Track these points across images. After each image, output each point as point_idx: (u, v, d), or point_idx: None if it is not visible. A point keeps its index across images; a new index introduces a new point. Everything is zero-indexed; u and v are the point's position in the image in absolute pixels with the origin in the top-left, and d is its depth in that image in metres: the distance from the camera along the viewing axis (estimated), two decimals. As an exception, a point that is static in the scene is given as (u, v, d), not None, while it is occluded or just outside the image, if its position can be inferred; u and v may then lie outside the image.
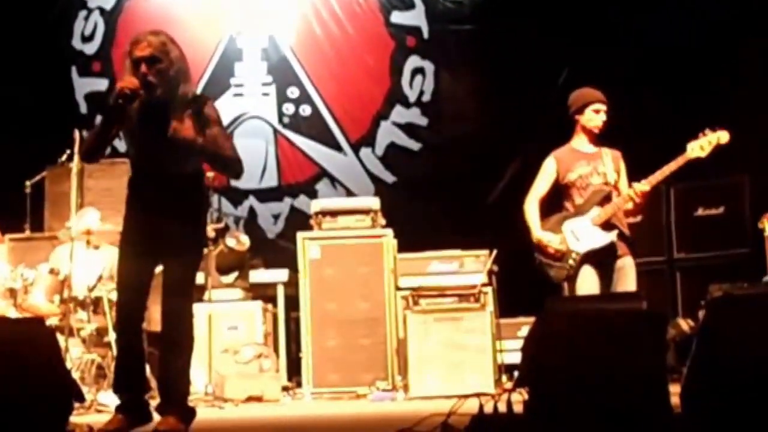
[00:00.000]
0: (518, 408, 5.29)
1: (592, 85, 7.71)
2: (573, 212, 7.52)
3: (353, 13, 12.41)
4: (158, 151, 6.00)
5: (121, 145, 6.86)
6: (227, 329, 9.69)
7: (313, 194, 11.93)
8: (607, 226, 7.40)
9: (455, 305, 9.17)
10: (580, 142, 7.66)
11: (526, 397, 5.29)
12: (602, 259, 7.40)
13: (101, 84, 12.64)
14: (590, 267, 7.38)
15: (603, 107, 7.59)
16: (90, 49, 12.80)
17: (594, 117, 7.58)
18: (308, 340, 9.53)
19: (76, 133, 8.97)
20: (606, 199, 7.46)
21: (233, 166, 6.19)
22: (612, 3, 11.42)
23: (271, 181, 12.37)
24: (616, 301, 6.28)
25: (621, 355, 5.09)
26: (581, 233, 7.41)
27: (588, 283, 7.36)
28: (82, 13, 12.83)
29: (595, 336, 5.21)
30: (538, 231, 7.56)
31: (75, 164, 8.80)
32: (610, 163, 7.55)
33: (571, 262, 7.42)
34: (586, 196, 7.50)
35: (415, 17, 12.34)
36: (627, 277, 7.39)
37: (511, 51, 11.59)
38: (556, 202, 7.69)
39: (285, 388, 9.47)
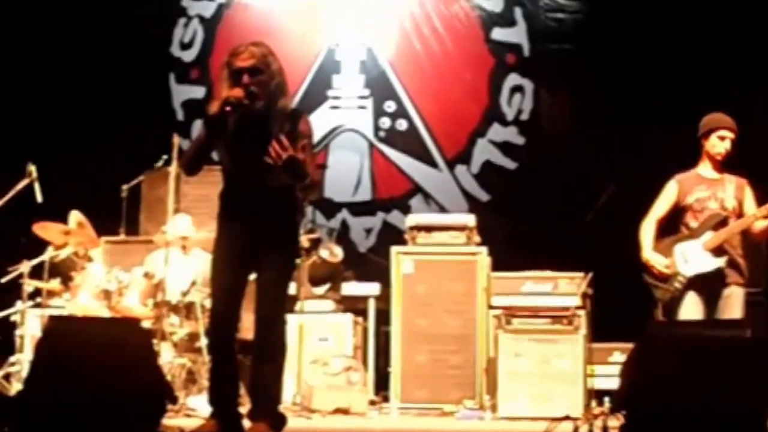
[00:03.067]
0: (614, 433, 5.22)
1: (722, 110, 7.60)
2: (687, 235, 7.43)
3: (454, 28, 12.34)
4: (254, 163, 5.99)
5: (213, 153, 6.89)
6: (317, 340, 9.66)
7: (406, 210, 11.86)
8: (718, 251, 7.29)
9: (548, 327, 9.05)
10: (704, 167, 7.58)
11: (623, 421, 5.21)
12: (709, 285, 7.28)
13: (198, 92, 12.70)
14: (695, 293, 7.28)
15: (729, 134, 7.47)
16: (188, 56, 12.87)
17: (717, 144, 7.48)
18: (397, 355, 9.46)
19: (175, 139, 9.05)
20: (721, 224, 7.35)
21: (313, 190, 6.21)
22: (715, 23, 11.23)
23: (364, 194, 12.33)
24: (718, 327, 6.15)
25: (722, 384, 4.98)
26: (691, 256, 7.31)
27: (691, 308, 7.25)
28: (182, 21, 12.91)
29: (696, 363, 5.12)
30: (647, 251, 7.52)
31: (172, 169, 8.86)
32: (731, 190, 7.44)
33: (676, 284, 7.33)
34: (701, 220, 7.40)
35: (516, 34, 12.24)
36: (733, 306, 7.26)
37: (611, 72, 11.45)
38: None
39: (372, 402, 9.42)
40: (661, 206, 7.66)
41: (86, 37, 12.18)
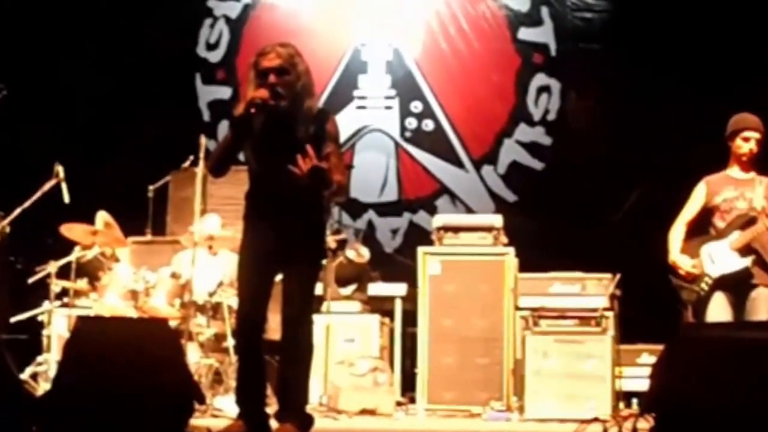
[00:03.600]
0: (643, 435, 5.18)
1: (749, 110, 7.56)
2: (714, 236, 7.39)
3: (480, 28, 12.31)
4: (280, 164, 5.98)
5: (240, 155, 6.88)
6: (344, 341, 9.65)
7: (432, 210, 11.84)
8: (745, 251, 7.24)
9: (575, 328, 9.00)
10: (733, 168, 7.57)
11: (652, 423, 5.17)
12: (736, 286, 7.23)
13: (225, 92, 12.72)
14: (723, 293, 7.23)
15: (754, 135, 7.43)
16: (214, 57, 12.89)
17: (743, 145, 7.46)
18: (424, 356, 9.44)
19: (202, 139, 9.04)
20: (748, 224, 7.30)
21: (339, 193, 6.19)
22: (744, 23, 11.17)
23: (390, 195, 12.32)
24: (751, 329, 6.09)
25: (753, 386, 4.93)
26: (717, 257, 7.27)
27: (718, 309, 7.20)
28: (208, 21, 12.93)
29: (727, 365, 5.06)
30: (674, 253, 7.49)
31: (200, 170, 8.85)
32: (761, 190, 7.39)
33: (703, 285, 7.29)
34: (729, 220, 7.36)
35: (542, 34, 12.21)
36: (760, 308, 7.20)
37: (639, 72, 11.40)
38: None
39: (399, 403, 9.40)
40: (690, 208, 7.63)
41: (113, 39, 12.22)
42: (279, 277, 6.22)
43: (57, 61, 12.06)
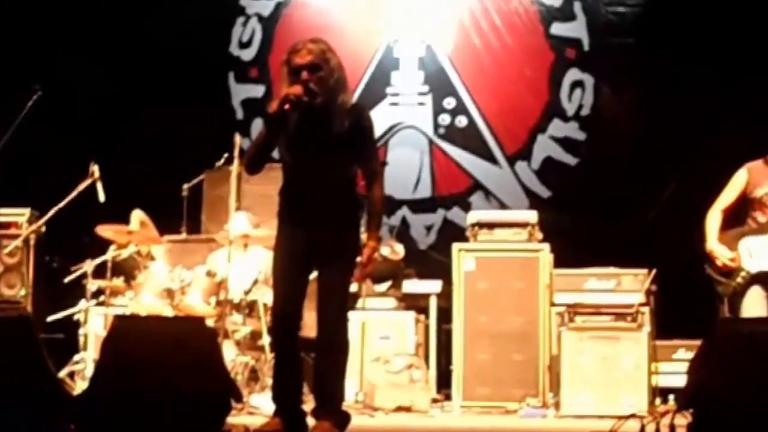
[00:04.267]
0: (681, 431, 5.16)
1: None
2: (754, 229, 7.31)
3: (513, 23, 12.27)
4: (315, 160, 6.00)
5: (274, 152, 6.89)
6: (379, 338, 9.66)
7: (466, 206, 11.80)
8: None
9: (611, 324, 8.97)
10: None
11: (690, 420, 5.15)
12: (773, 282, 7.17)
13: (258, 90, 12.73)
14: (760, 288, 7.16)
15: None
16: (247, 55, 12.91)
17: None
18: (459, 353, 9.44)
19: (237, 137, 9.07)
20: None
21: (383, 207, 6.23)
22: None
23: (424, 191, 12.30)
24: (788, 325, 6.06)
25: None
26: (757, 252, 7.20)
27: (755, 305, 7.14)
28: (240, 20, 12.94)
29: (766, 360, 5.04)
30: (712, 242, 7.40)
31: (234, 168, 8.87)
32: None
33: (739, 279, 7.23)
34: None
35: (575, 29, 12.15)
36: None
37: (673, 66, 11.34)
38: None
39: (434, 400, 9.40)
40: (728, 195, 7.52)
41: (146, 38, 12.25)
42: (314, 275, 6.22)
43: (91, 61, 12.11)
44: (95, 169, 9.37)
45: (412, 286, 10.40)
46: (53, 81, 9.53)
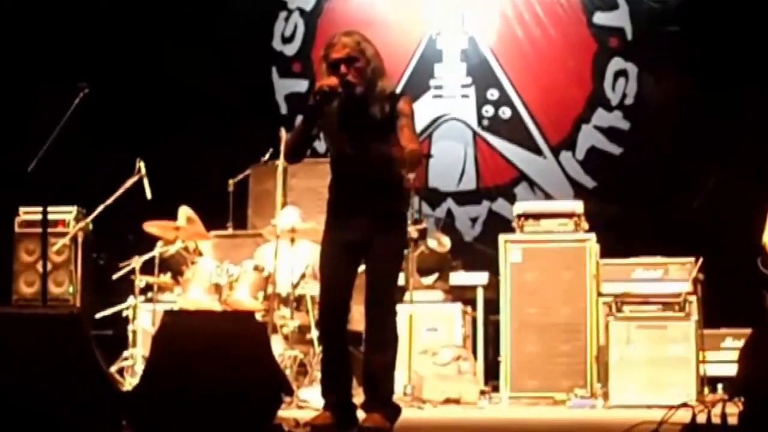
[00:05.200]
0: (732, 420, 5.13)
1: None
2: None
3: (555, 14, 12.23)
4: (358, 148, 6.01)
5: (320, 145, 6.92)
6: (426, 330, 9.67)
7: (511, 198, 11.79)
8: None
9: (659, 313, 8.96)
10: None
11: (741, 408, 5.13)
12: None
13: (301, 85, 12.77)
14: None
15: None
16: (290, 50, 12.95)
17: None
18: (507, 344, 9.44)
19: (282, 132, 9.08)
20: None
21: (418, 161, 6.16)
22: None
23: (469, 183, 12.31)
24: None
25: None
26: None
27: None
28: (282, 14, 12.99)
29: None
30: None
31: (280, 163, 8.90)
32: None
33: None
34: None
35: (618, 18, 12.09)
36: None
37: (719, 53, 11.25)
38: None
39: (482, 392, 9.39)
40: None
41: (190, 35, 12.31)
42: (362, 268, 6.23)
43: (135, 59, 12.18)
44: (141, 166, 9.42)
45: (458, 278, 10.39)
46: (100, 79, 9.59)
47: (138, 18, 12.30)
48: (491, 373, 9.88)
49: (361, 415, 6.07)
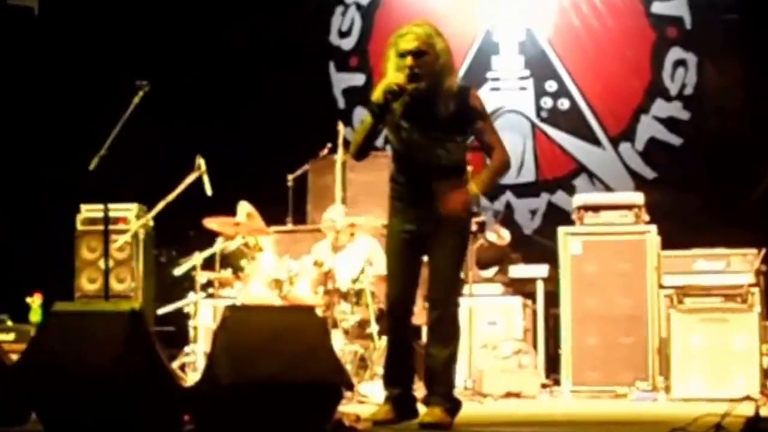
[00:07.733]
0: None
1: None
2: None
3: (613, 4, 12.16)
4: (423, 145, 6.00)
5: (378, 139, 6.91)
6: (487, 324, 9.65)
7: (570, 190, 11.76)
8: None
9: (721, 305, 8.88)
10: None
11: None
12: None
13: (358, 79, 12.80)
14: None
15: None
16: (347, 44, 12.98)
17: None
18: (568, 337, 9.41)
19: (340, 126, 9.11)
20: None
21: (506, 169, 6.17)
22: None
23: (528, 176, 12.28)
24: None
25: None
26: None
27: None
28: (339, 9, 13.02)
29: None
30: None
31: (339, 157, 8.90)
32: None
33: None
34: None
35: (677, 7, 11.99)
36: None
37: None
38: None
39: (543, 385, 9.37)
40: None
41: (247, 31, 12.37)
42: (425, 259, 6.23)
43: (193, 55, 12.26)
44: (201, 162, 9.46)
45: (518, 271, 10.38)
46: (159, 76, 9.65)
47: (197, 15, 12.37)
48: (552, 366, 9.84)
49: (421, 409, 6.08)
